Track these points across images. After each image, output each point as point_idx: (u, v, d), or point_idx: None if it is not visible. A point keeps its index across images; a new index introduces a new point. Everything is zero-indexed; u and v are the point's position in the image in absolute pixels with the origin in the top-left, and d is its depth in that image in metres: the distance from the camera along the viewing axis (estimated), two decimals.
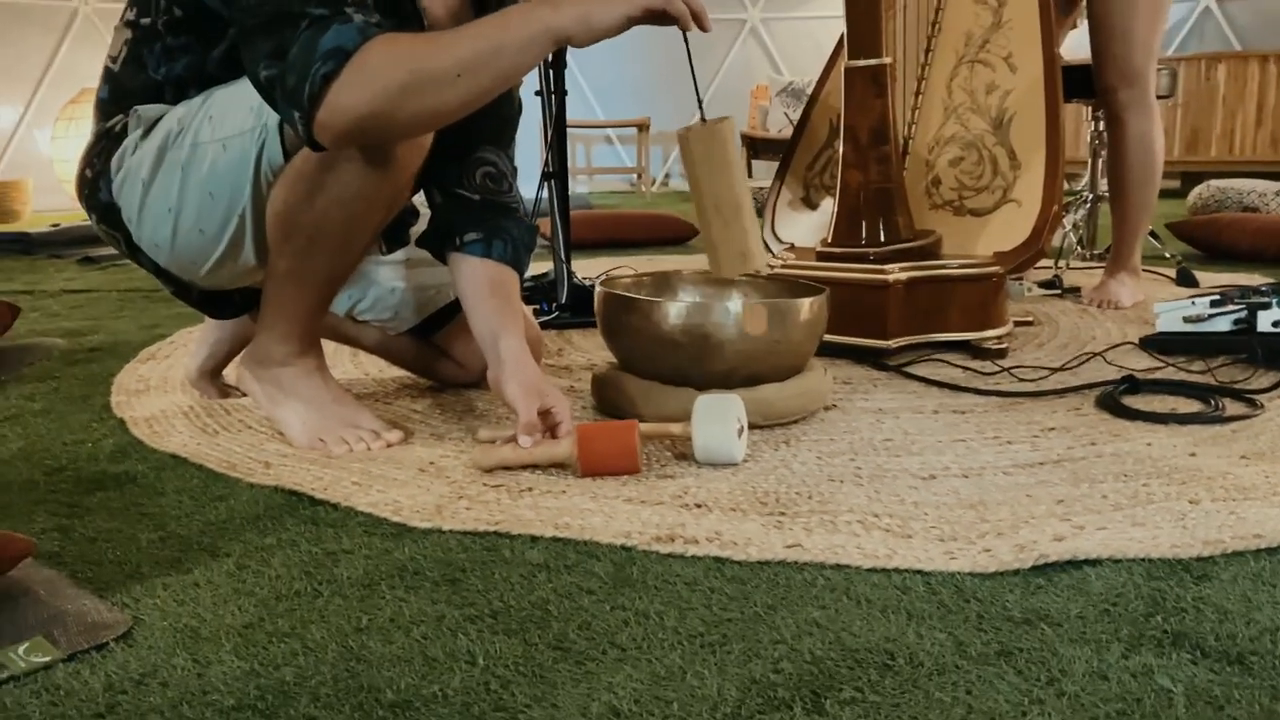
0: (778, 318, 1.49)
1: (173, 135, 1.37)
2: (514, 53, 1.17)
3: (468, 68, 1.15)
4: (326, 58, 1.14)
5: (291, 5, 1.16)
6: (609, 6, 1.16)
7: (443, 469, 1.32)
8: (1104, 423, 1.50)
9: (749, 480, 1.27)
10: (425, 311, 1.67)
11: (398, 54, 1.15)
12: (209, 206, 1.36)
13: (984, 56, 2.08)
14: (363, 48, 1.14)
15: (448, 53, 1.16)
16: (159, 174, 1.37)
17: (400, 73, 1.14)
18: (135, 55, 1.42)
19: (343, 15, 1.15)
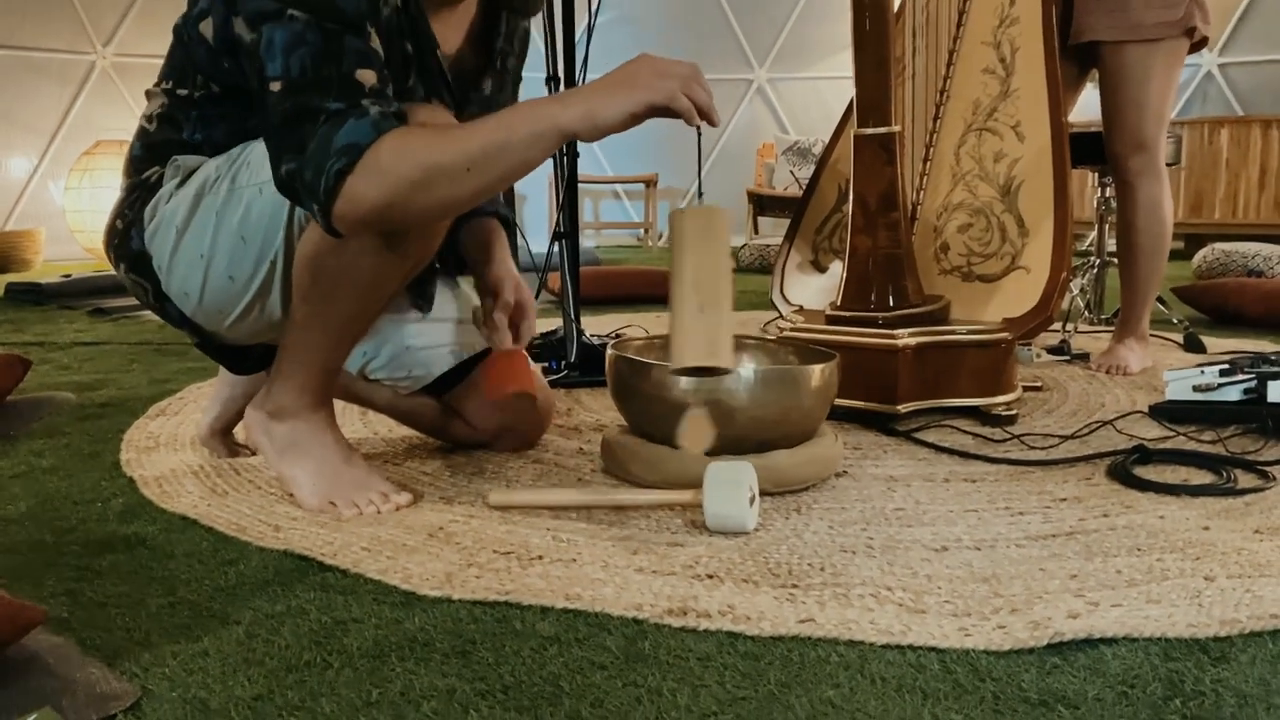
0: (789, 384, 1.49)
1: (210, 182, 1.40)
2: (522, 148, 1.20)
3: (477, 163, 1.19)
4: (341, 154, 1.17)
5: (310, 100, 1.19)
6: (613, 104, 1.19)
7: (452, 534, 1.32)
8: (1115, 493, 1.50)
9: (761, 550, 1.26)
10: (437, 370, 1.67)
11: (410, 149, 1.18)
12: (241, 252, 1.38)
13: (992, 125, 2.10)
14: (376, 143, 1.18)
15: (458, 148, 1.19)
16: (193, 220, 1.40)
17: (412, 168, 1.17)
18: (170, 118, 1.45)
19: (359, 109, 1.19)
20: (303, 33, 1.20)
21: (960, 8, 2.24)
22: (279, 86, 1.21)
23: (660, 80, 1.20)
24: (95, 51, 6.31)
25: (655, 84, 1.20)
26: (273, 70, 1.21)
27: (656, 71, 1.21)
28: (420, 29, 1.39)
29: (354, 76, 1.21)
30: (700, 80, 1.22)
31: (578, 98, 1.21)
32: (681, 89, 1.20)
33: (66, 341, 3.07)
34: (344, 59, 1.21)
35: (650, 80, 1.20)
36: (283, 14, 1.21)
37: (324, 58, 1.20)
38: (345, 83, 1.21)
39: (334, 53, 1.21)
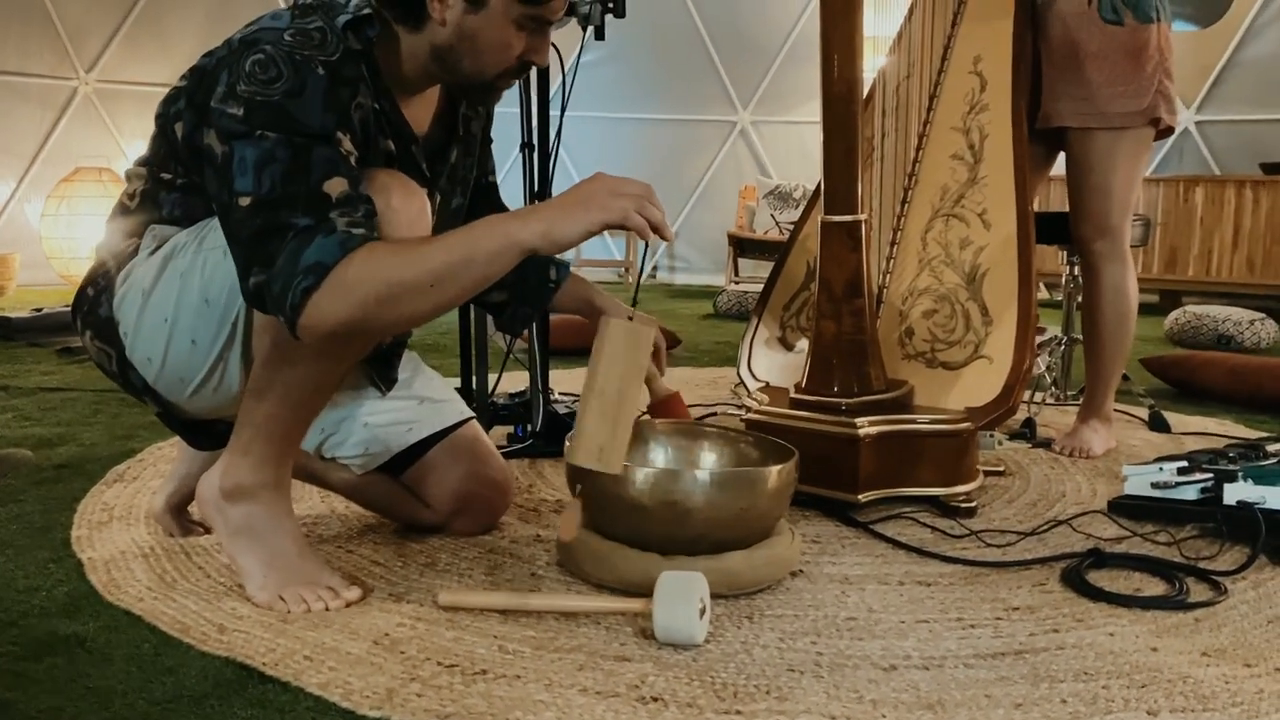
0: (745, 486, 1.49)
1: (179, 247, 1.41)
2: (484, 265, 1.24)
3: (441, 279, 1.22)
4: (308, 272, 1.20)
5: (279, 217, 1.22)
6: (570, 223, 1.24)
7: (397, 642, 1.30)
8: (1068, 603, 1.50)
9: (709, 668, 1.26)
10: (394, 448, 1.66)
11: (374, 267, 1.21)
12: (204, 316, 1.38)
13: (959, 211, 2.12)
14: (342, 262, 1.20)
15: (421, 265, 1.22)
16: (160, 283, 1.40)
17: (376, 285, 1.20)
18: (152, 196, 1.45)
19: (326, 224, 1.21)
20: (273, 149, 1.23)
21: (932, 91, 2.26)
22: (248, 202, 1.23)
23: (614, 200, 1.24)
24: (78, 77, 6.28)
25: (610, 204, 1.24)
26: (242, 185, 1.23)
27: (611, 191, 1.25)
28: (396, 122, 1.40)
29: (322, 189, 1.24)
30: (652, 199, 1.27)
31: (537, 216, 1.25)
32: (635, 208, 1.24)
33: (31, 387, 3.04)
34: (312, 172, 1.23)
35: (605, 200, 1.24)
36: (251, 134, 1.23)
37: (293, 173, 1.23)
38: (313, 197, 1.23)
39: (302, 167, 1.23)
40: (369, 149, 1.35)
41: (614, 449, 1.38)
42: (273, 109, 1.23)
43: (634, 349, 1.37)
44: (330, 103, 1.26)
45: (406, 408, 1.68)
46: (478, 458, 1.70)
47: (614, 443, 1.38)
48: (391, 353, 1.67)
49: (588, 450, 1.38)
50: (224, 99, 1.25)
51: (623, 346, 1.37)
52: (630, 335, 1.37)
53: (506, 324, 1.83)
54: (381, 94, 1.37)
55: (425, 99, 1.49)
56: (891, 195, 2.19)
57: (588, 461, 1.39)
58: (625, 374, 1.38)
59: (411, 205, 1.32)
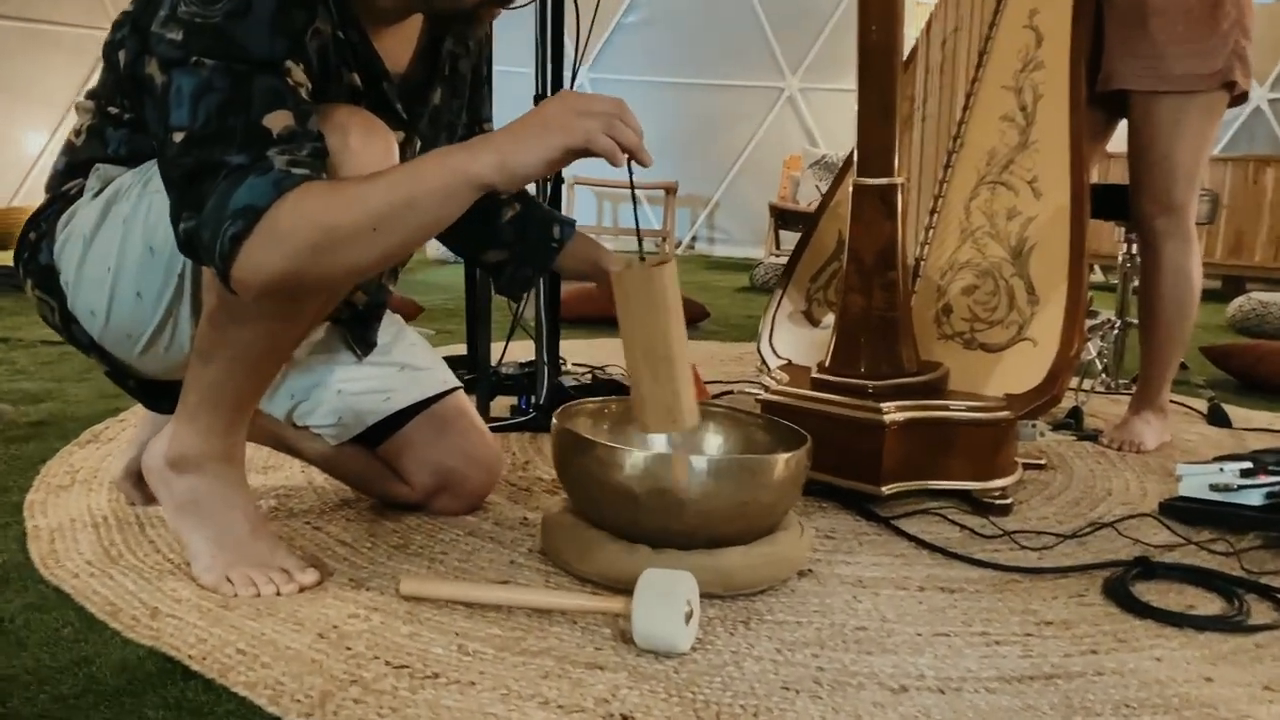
0: (747, 476, 1.33)
1: (123, 189, 1.26)
2: (433, 205, 1.08)
3: (382, 222, 1.06)
4: (237, 216, 1.05)
5: (212, 154, 1.07)
6: (527, 150, 1.08)
7: (346, 636, 1.16)
8: (1109, 619, 1.33)
9: (691, 681, 1.10)
10: (370, 419, 1.52)
11: (309, 211, 1.05)
12: (149, 265, 1.24)
13: (1007, 178, 1.93)
14: (275, 205, 1.05)
15: (360, 207, 1.06)
16: (102, 229, 1.26)
17: (312, 232, 1.05)
18: (99, 132, 1.31)
19: (263, 162, 1.06)
20: (210, 78, 1.08)
21: (981, 47, 2.06)
22: (181, 137, 1.08)
23: (579, 120, 1.08)
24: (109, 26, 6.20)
25: (573, 125, 1.08)
26: (177, 119, 1.08)
27: (575, 110, 1.09)
28: (365, 55, 1.25)
29: (261, 124, 1.08)
30: (626, 117, 1.10)
31: (490, 146, 1.09)
32: (603, 129, 1.08)
33: (33, 339, 2.95)
34: (252, 104, 1.08)
35: (567, 121, 1.08)
36: (188, 60, 1.07)
37: (230, 105, 1.07)
38: (251, 132, 1.07)
39: (242, 98, 1.08)
40: (329, 83, 1.20)
41: (683, 405, 1.23)
42: (213, 32, 1.08)
43: (661, 292, 1.20)
44: (280, 26, 1.10)
45: (384, 375, 1.54)
46: (461, 432, 1.55)
47: (681, 399, 1.22)
48: (369, 314, 1.53)
49: (657, 417, 1.23)
50: (164, 22, 1.10)
51: (647, 295, 1.20)
52: (650, 281, 1.19)
53: (505, 286, 1.68)
54: (348, 23, 1.21)
55: (404, 32, 1.33)
56: (933, 159, 2.01)
57: (661, 428, 1.26)
58: (663, 322, 1.20)
59: (374, 146, 1.16)
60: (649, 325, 1.19)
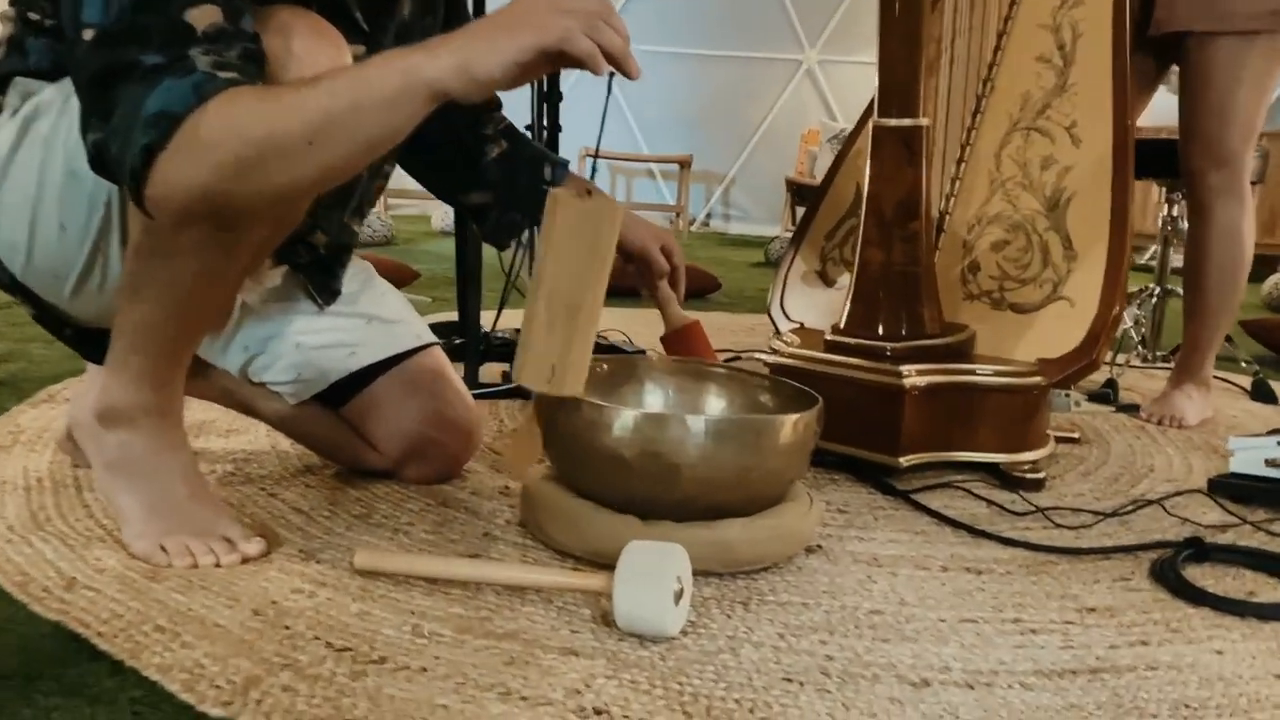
0: (750, 438, 1.17)
1: (43, 105, 1.10)
2: (379, 113, 0.91)
3: (320, 134, 0.90)
4: (149, 125, 0.89)
5: (125, 54, 0.91)
6: (493, 51, 0.91)
7: (285, 612, 1.02)
8: (1160, 605, 1.17)
9: (679, 670, 0.95)
10: (332, 375, 1.37)
11: (235, 119, 0.89)
12: (72, 192, 1.08)
13: (1042, 124, 1.76)
14: (195, 112, 0.89)
15: (296, 116, 0.89)
16: (20, 150, 1.10)
17: (237, 144, 0.89)
18: (19, 43, 1.16)
19: (183, 63, 0.90)
20: None
21: None
22: (91, 36, 0.92)
23: (555, 17, 0.92)
24: None
25: (547, 22, 0.92)
26: (89, 15, 0.92)
27: (552, 6, 0.93)
28: None
29: (183, 19, 0.92)
30: (611, 18, 0.94)
31: (450, 46, 0.92)
32: (583, 28, 0.92)
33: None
34: None
35: (541, 18, 0.92)
36: None
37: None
38: (170, 29, 0.91)
39: None
40: None
41: (569, 366, 1.09)
42: None
43: (594, 234, 1.05)
44: None
45: (350, 327, 1.39)
46: (435, 394, 1.40)
47: (569, 358, 1.08)
48: (332, 259, 1.38)
49: (535, 369, 1.09)
50: None
51: (578, 230, 1.05)
52: (587, 217, 1.05)
53: (491, 233, 1.53)
54: None
55: None
56: (961, 104, 1.84)
57: (535, 383, 1.10)
58: (582, 267, 1.06)
59: (321, 52, 1.00)
60: (567, 265, 1.06)
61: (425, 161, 1.48)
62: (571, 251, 1.04)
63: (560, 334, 1.06)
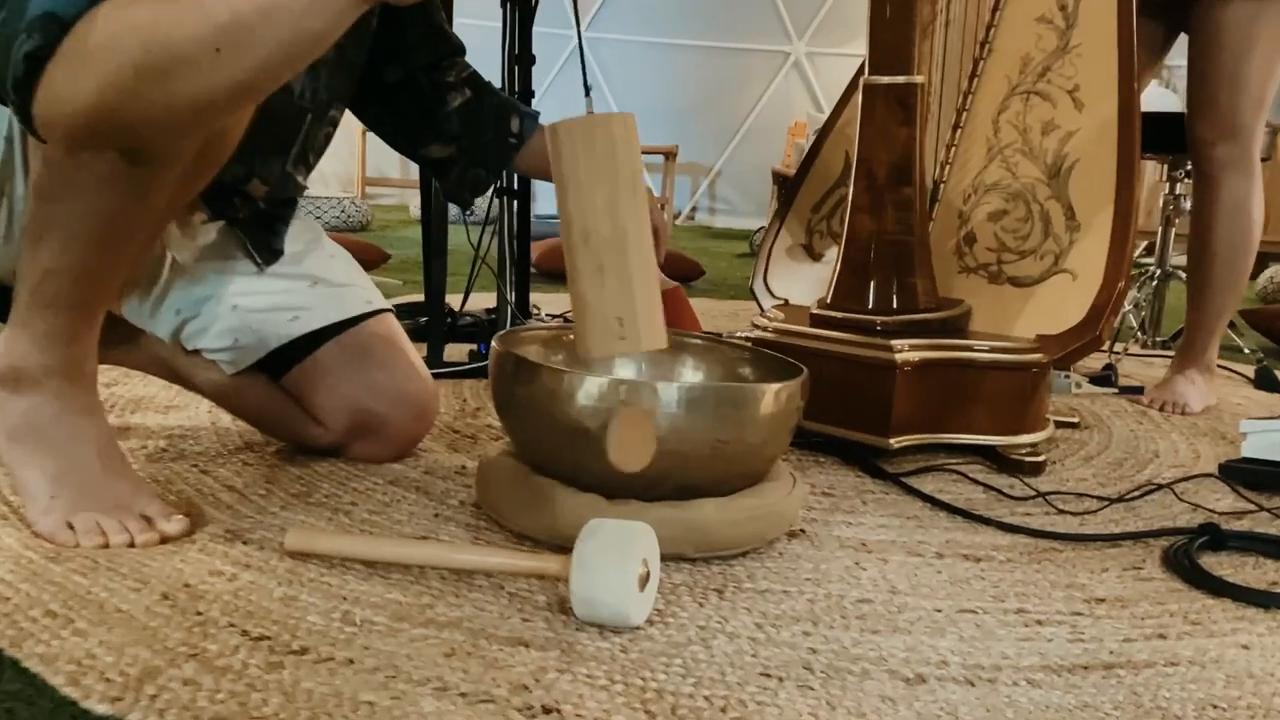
0: (728, 408, 1.06)
1: None
2: (296, 16, 0.78)
3: (229, 39, 0.77)
4: (33, 29, 0.77)
5: None
6: None
7: (200, 596, 0.90)
8: (1176, 596, 1.06)
9: (643, 663, 0.84)
10: (272, 342, 1.25)
11: (132, 21, 0.77)
12: None
13: (1043, 87, 1.65)
14: (87, 15, 0.77)
15: (200, 19, 0.77)
16: None
17: (134, 50, 0.76)
18: None
19: None
20: None
21: None
22: None
23: None
24: None
25: None
26: None
27: None
28: None
29: None
30: None
31: None
32: None
33: None
34: None
35: None
36: None
37: None
38: None
39: None
40: None
41: (639, 312, 0.86)
42: None
43: (608, 151, 0.86)
44: None
45: (292, 290, 1.27)
46: (385, 363, 1.28)
47: (635, 303, 0.86)
48: (275, 214, 1.26)
49: (600, 329, 0.86)
50: None
51: (589, 153, 0.86)
52: (593, 133, 0.86)
53: (454, 190, 1.42)
54: None
55: None
56: (957, 68, 1.73)
57: (605, 347, 0.87)
58: (611, 195, 0.86)
59: None
60: (592, 196, 0.86)
61: (379, 109, 1.36)
62: (592, 178, 0.86)
63: (615, 278, 0.86)
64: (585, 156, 0.86)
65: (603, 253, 0.87)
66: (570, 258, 0.89)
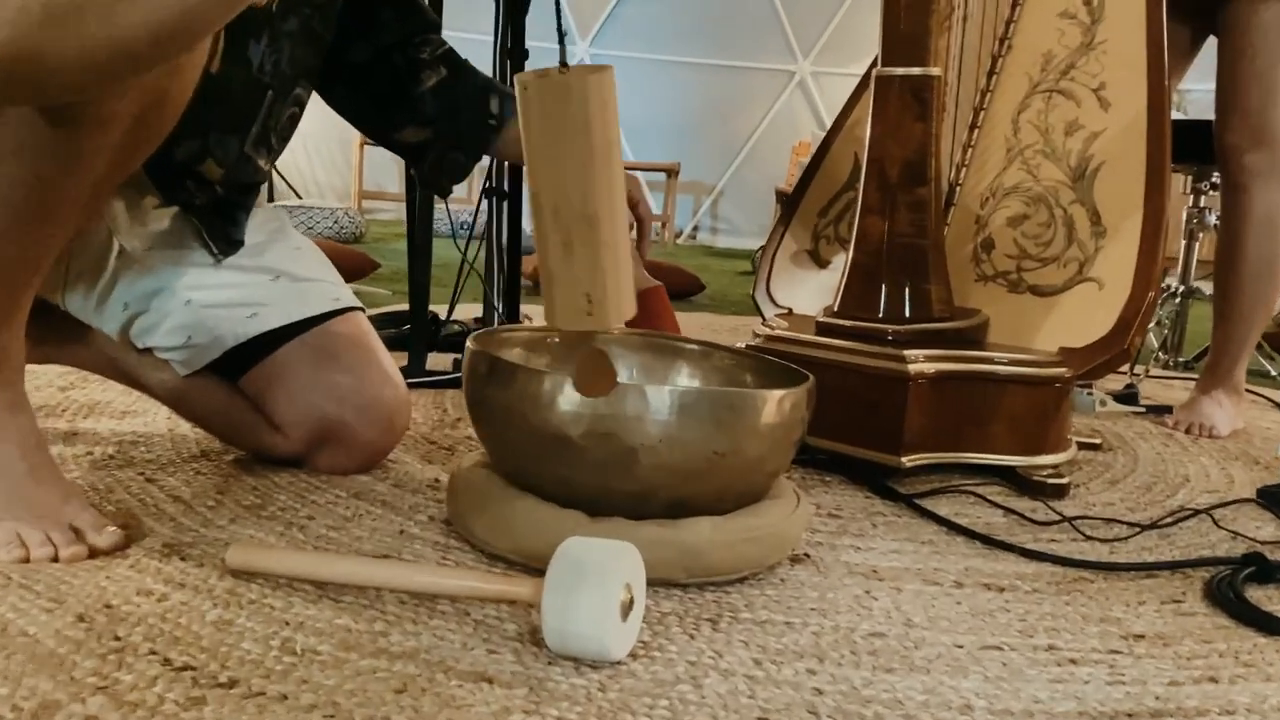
0: (725, 415, 0.95)
1: None
2: None
3: None
4: None
5: None
6: None
7: (121, 619, 0.79)
8: (1223, 634, 0.95)
9: (623, 703, 0.73)
10: (230, 341, 1.15)
11: None
12: None
13: (1066, 86, 1.55)
14: None
15: None
16: None
17: None
18: None
19: None
20: None
21: None
22: None
23: None
24: None
25: None
26: None
27: None
28: None
29: None
30: None
31: None
32: None
33: None
34: None
35: None
36: None
37: None
38: None
39: None
40: None
41: (608, 289, 0.81)
42: None
43: (582, 114, 0.77)
44: None
45: (252, 284, 1.16)
46: (352, 366, 1.17)
47: (604, 278, 0.81)
48: (233, 201, 1.16)
49: (567, 304, 0.82)
50: None
51: (561, 115, 0.78)
52: (565, 93, 0.77)
53: (429, 177, 1.32)
54: None
55: None
56: (975, 65, 1.63)
57: (571, 322, 0.83)
58: (583, 163, 0.79)
59: None
60: (563, 164, 0.79)
61: (349, 90, 1.27)
62: (563, 144, 0.78)
63: (584, 252, 0.80)
64: (559, 119, 0.77)
65: (572, 227, 0.80)
66: (538, 227, 0.83)
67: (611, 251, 0.80)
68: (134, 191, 1.09)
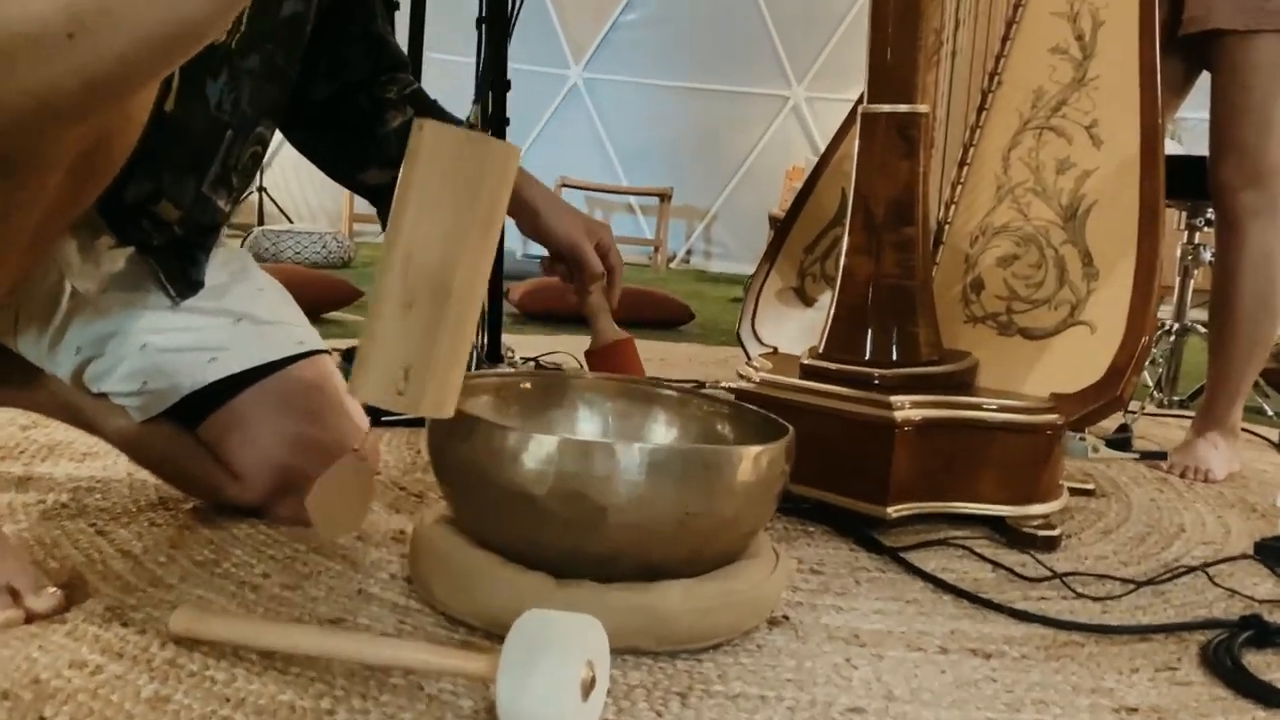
0: (698, 474, 0.91)
1: None
2: None
3: (83, 23, 0.63)
4: None
5: None
6: None
7: (48, 695, 0.74)
8: (1220, 706, 0.90)
9: None
10: (187, 386, 1.10)
11: None
12: None
13: (1058, 123, 1.52)
14: None
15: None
16: None
17: None
18: None
19: None
20: None
21: None
22: None
23: None
24: None
25: None
26: None
27: None
28: None
29: None
30: None
31: None
32: None
33: None
34: None
35: None
36: None
37: None
38: None
39: None
40: None
41: (431, 369, 0.74)
42: None
43: (473, 180, 0.74)
44: None
45: (212, 327, 1.12)
46: (313, 413, 1.13)
47: (432, 357, 0.74)
48: (193, 242, 1.12)
49: (380, 371, 0.74)
50: None
51: (450, 172, 0.74)
52: (464, 152, 0.73)
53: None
54: None
55: None
56: (964, 100, 1.60)
57: (377, 393, 0.75)
58: (455, 229, 0.74)
59: None
60: (434, 222, 0.73)
61: (311, 130, 1.23)
62: (442, 201, 0.73)
63: (421, 320, 0.74)
64: (446, 175, 0.73)
65: (420, 288, 0.73)
66: (380, 279, 0.75)
67: (452, 334, 0.74)
68: (87, 231, 1.05)
